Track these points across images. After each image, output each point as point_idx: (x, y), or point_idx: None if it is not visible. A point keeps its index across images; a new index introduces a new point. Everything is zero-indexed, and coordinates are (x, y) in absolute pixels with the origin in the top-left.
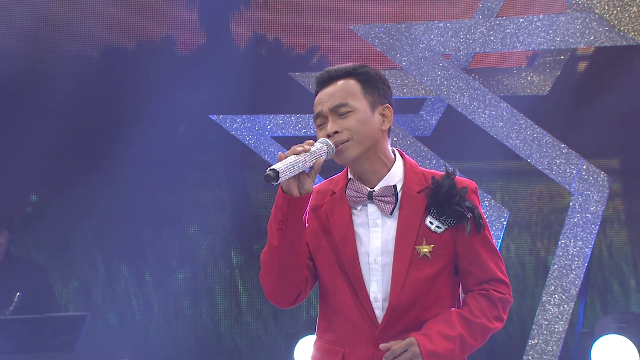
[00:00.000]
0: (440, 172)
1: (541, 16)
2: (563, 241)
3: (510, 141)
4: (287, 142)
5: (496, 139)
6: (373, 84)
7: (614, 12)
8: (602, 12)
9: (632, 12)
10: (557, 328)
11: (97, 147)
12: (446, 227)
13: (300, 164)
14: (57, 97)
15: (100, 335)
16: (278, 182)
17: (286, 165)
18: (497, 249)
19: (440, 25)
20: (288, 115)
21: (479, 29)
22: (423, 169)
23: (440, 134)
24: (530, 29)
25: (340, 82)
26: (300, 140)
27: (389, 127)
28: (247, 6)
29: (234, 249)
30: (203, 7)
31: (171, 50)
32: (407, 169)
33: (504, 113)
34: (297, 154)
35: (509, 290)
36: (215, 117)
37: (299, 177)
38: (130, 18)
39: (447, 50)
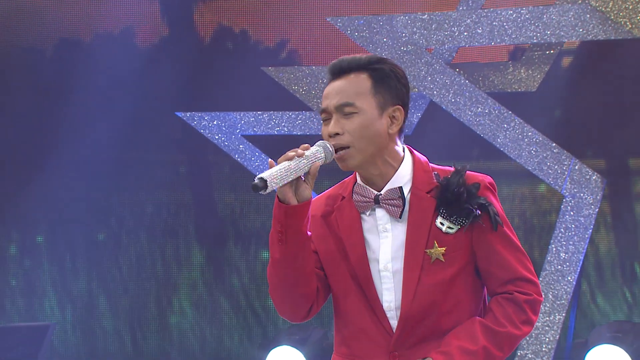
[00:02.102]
0: (452, 169)
1: (530, 8)
2: (554, 246)
3: (498, 140)
4: (259, 141)
5: (482, 138)
6: (386, 82)
7: (610, 3)
8: (598, 3)
9: (628, 2)
10: (548, 338)
11: (50, 145)
12: (458, 227)
13: (292, 171)
14: (7, 91)
15: (64, 346)
16: (267, 192)
17: (275, 172)
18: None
19: (423, 17)
20: (260, 112)
21: (465, 21)
22: (434, 166)
23: (422, 132)
24: (519, 22)
25: (352, 76)
26: (273, 138)
27: (401, 128)
28: None
29: (199, 253)
30: None
31: (131, 44)
32: (417, 167)
33: (491, 110)
34: (290, 159)
35: (536, 289)
36: (182, 114)
37: (295, 184)
38: (86, 8)
39: (430, 43)
